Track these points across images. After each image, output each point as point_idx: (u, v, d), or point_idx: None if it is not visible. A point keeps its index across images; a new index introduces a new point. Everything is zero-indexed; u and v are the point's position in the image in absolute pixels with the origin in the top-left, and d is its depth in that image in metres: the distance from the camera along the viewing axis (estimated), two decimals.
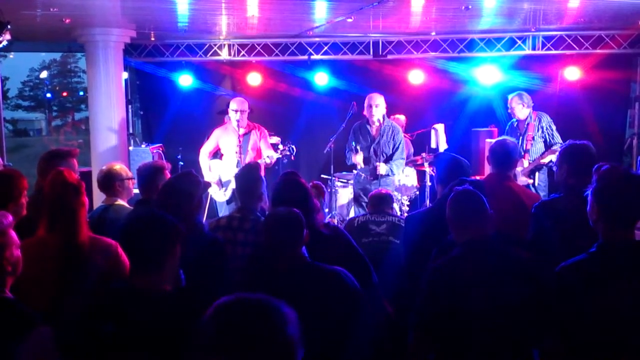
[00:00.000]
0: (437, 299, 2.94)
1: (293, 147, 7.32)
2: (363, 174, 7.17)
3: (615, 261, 2.66)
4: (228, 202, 7.26)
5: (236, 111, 7.18)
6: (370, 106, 7.07)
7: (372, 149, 7.11)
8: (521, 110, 7.46)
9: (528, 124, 7.45)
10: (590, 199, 2.77)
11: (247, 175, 4.31)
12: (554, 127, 7.42)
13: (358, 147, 7.16)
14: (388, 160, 7.10)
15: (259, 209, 4.26)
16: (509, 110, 7.67)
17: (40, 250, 3.04)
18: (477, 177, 7.14)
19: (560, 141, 7.22)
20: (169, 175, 4.51)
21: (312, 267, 3.05)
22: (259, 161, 7.02)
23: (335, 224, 3.96)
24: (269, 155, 7.15)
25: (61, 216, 3.16)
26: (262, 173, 6.87)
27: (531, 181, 7.32)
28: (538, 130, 7.40)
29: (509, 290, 2.90)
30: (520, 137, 7.43)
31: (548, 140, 7.38)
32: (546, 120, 7.45)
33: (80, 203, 3.22)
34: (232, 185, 7.13)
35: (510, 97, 7.64)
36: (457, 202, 3.09)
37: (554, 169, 4.27)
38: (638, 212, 2.74)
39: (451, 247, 3.10)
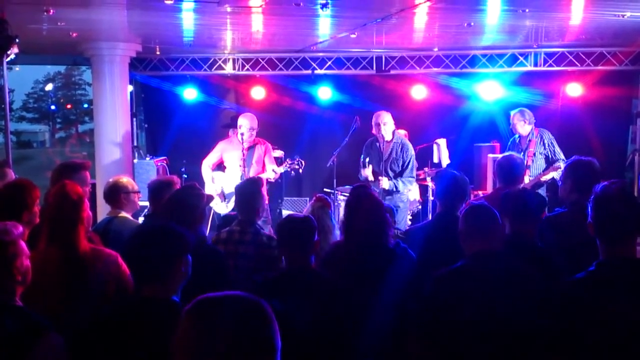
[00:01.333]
0: (439, 308, 3.00)
1: (302, 161, 7.35)
2: (376, 189, 7.19)
3: (613, 279, 2.65)
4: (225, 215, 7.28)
5: (249, 129, 7.19)
6: (377, 124, 7.07)
7: (382, 166, 7.14)
8: (523, 126, 7.49)
9: (530, 140, 7.47)
10: (589, 214, 2.78)
11: (247, 189, 4.38)
12: (555, 144, 7.44)
13: (367, 161, 7.20)
14: (397, 176, 7.10)
15: (258, 222, 4.32)
16: (511, 127, 7.68)
17: (41, 262, 3.07)
18: (480, 192, 7.22)
19: (563, 157, 7.22)
20: None
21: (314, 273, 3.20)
22: (262, 175, 7.06)
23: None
24: (273, 170, 7.19)
25: (60, 229, 3.22)
26: (265, 187, 6.96)
27: None
28: (539, 147, 7.42)
29: (510, 303, 2.93)
30: (522, 153, 7.45)
31: (550, 156, 7.38)
32: (548, 136, 7.47)
33: (79, 217, 3.26)
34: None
35: (512, 113, 7.66)
36: (471, 216, 3.21)
37: (559, 183, 4.32)
38: (633, 228, 2.73)
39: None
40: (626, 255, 2.69)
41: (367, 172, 7.17)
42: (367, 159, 7.22)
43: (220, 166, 7.61)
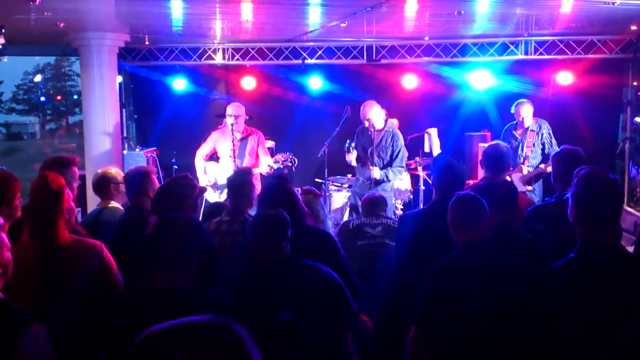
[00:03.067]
0: (439, 296, 3.03)
1: (295, 159, 7.31)
2: (361, 178, 7.18)
3: (593, 265, 2.66)
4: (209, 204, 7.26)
5: (230, 116, 7.20)
6: (365, 119, 7.02)
7: (369, 153, 7.11)
8: (530, 118, 7.42)
9: (530, 130, 7.41)
10: (570, 202, 2.80)
11: (238, 180, 4.36)
12: (552, 135, 7.41)
13: (352, 146, 7.17)
14: (387, 166, 7.09)
15: (248, 212, 4.31)
16: (517, 117, 7.50)
17: (23, 255, 3.04)
18: (471, 181, 7.22)
19: (557, 149, 7.19)
20: (156, 180, 4.53)
21: (295, 261, 3.20)
22: (255, 170, 7.04)
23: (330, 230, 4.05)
24: (269, 165, 7.17)
25: (40, 221, 3.18)
26: (259, 179, 6.95)
27: (530, 188, 7.27)
28: (538, 138, 7.37)
29: (503, 292, 2.95)
30: (519, 144, 7.39)
31: (546, 148, 7.33)
32: (546, 127, 7.42)
33: (59, 208, 3.21)
34: None
35: (521, 102, 7.51)
36: (459, 206, 3.24)
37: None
38: (612, 214, 2.73)
39: None
40: (607, 240, 2.69)
41: (351, 157, 7.15)
42: (353, 144, 7.19)
43: (214, 157, 7.58)
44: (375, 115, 7.00)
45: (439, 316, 3.02)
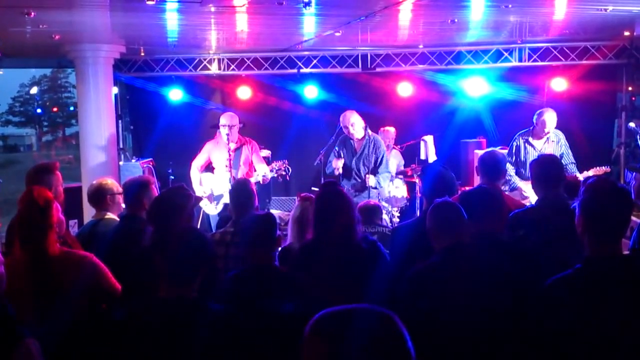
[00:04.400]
0: (416, 304, 3.02)
1: (289, 167, 7.34)
2: (346, 186, 7.21)
3: (601, 276, 2.60)
4: (220, 214, 7.27)
5: (224, 126, 7.20)
6: (346, 127, 7.16)
7: (353, 162, 7.18)
8: (553, 128, 7.08)
9: (550, 140, 7.07)
10: (577, 211, 2.73)
11: (240, 190, 4.37)
12: (568, 145, 7.17)
13: (342, 153, 7.22)
14: (371, 173, 7.16)
15: None
16: (542, 126, 7.00)
17: (15, 267, 3.05)
18: (466, 188, 7.21)
19: (573, 160, 7.08)
20: (155, 190, 4.54)
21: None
22: (251, 179, 7.05)
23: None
24: (264, 175, 7.18)
25: (30, 236, 3.19)
26: (255, 188, 6.93)
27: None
28: (558, 148, 7.05)
29: (486, 295, 2.95)
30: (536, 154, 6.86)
31: (564, 159, 6.98)
32: (563, 138, 7.17)
33: (48, 222, 3.22)
34: (224, 199, 7.15)
35: (549, 112, 7.06)
36: (436, 213, 3.30)
37: None
38: (623, 227, 2.68)
39: None
40: (615, 252, 2.64)
41: (339, 164, 7.21)
42: (343, 152, 7.25)
43: (209, 167, 7.59)
44: (356, 120, 7.11)
45: (415, 324, 3.00)
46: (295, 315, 2.87)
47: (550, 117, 7.03)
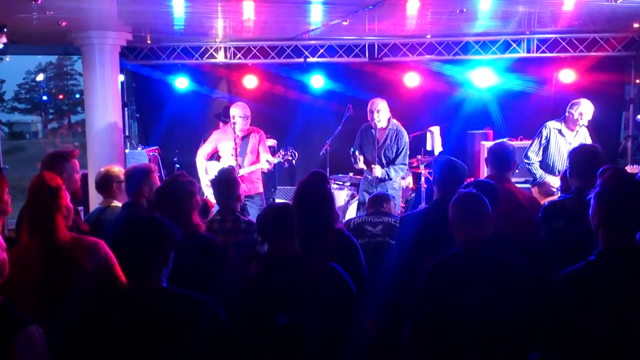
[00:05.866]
0: (433, 295, 3.00)
1: (295, 152, 7.31)
2: (369, 176, 7.19)
3: (614, 269, 2.61)
4: None
5: (242, 117, 7.14)
6: (372, 111, 7.07)
7: (375, 152, 7.12)
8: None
9: (577, 132, 6.85)
10: (593, 202, 2.73)
11: (224, 179, 4.38)
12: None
13: (357, 153, 7.18)
14: (390, 164, 7.10)
15: (237, 210, 4.34)
16: (579, 117, 6.75)
17: (23, 255, 3.05)
18: (472, 179, 7.18)
19: None
20: (156, 179, 4.53)
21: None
22: (256, 166, 7.06)
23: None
24: (267, 160, 7.16)
25: (38, 220, 3.17)
26: (260, 177, 6.98)
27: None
28: (585, 141, 6.74)
29: (502, 291, 2.93)
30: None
31: None
32: (587, 131, 6.94)
33: (57, 206, 3.20)
34: None
35: (587, 104, 6.82)
36: (460, 204, 3.21)
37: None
38: (638, 217, 2.67)
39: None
40: (628, 245, 2.65)
41: (361, 164, 7.20)
42: (357, 151, 7.20)
43: (215, 156, 7.58)
44: (383, 108, 7.06)
45: (431, 317, 3.00)
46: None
47: (588, 109, 6.78)
